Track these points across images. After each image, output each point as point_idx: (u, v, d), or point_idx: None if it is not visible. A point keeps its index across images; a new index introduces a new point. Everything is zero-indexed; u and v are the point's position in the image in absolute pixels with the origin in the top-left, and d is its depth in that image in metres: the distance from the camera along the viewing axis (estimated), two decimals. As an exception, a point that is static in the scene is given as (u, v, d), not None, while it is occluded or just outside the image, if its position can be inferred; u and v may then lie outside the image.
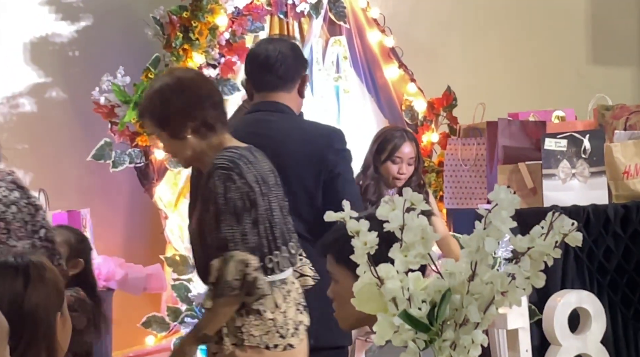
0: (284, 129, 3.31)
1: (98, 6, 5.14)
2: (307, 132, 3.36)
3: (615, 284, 4.34)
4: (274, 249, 2.94)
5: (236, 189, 2.85)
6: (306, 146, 3.29)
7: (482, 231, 1.55)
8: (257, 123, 3.33)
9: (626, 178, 4.46)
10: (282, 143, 3.28)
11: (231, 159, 2.89)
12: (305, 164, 3.27)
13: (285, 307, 2.96)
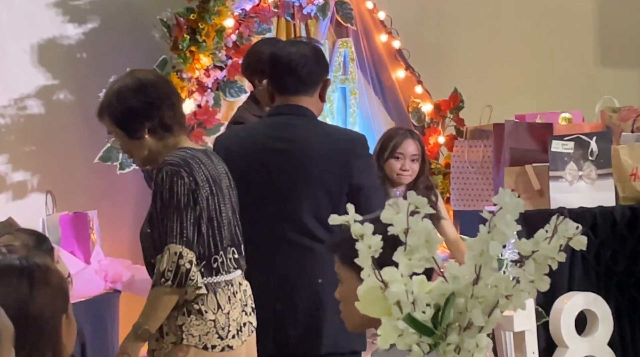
0: (307, 134, 3.29)
1: (105, 8, 5.15)
2: (330, 137, 3.34)
3: (623, 286, 4.33)
4: (220, 249, 2.98)
5: (182, 185, 2.90)
6: (330, 151, 3.27)
7: (486, 234, 1.55)
8: (279, 126, 3.32)
9: (633, 180, 4.45)
10: (305, 148, 3.27)
11: (182, 157, 2.95)
12: (329, 169, 3.25)
13: (229, 309, 2.99)
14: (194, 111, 4.95)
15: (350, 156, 3.27)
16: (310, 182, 3.22)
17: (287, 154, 3.26)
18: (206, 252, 2.95)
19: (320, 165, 3.25)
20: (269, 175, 3.29)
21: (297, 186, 3.26)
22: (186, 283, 2.88)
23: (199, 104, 4.97)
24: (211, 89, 5.00)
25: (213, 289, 2.96)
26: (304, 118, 3.31)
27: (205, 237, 2.94)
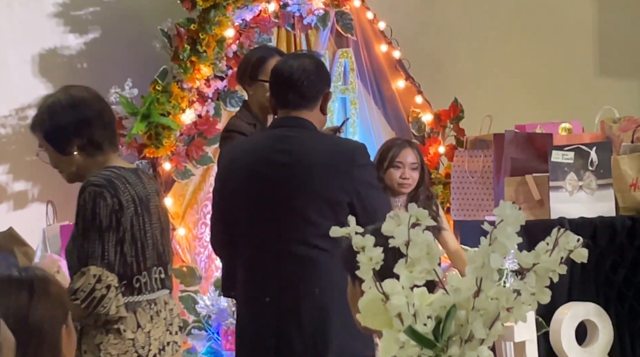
0: (307, 145, 3.30)
1: (106, 19, 5.16)
2: (330, 147, 3.35)
3: (623, 297, 4.33)
4: (143, 269, 2.98)
5: (105, 206, 2.90)
6: (330, 162, 3.27)
7: (487, 247, 1.55)
8: (279, 138, 3.32)
9: (633, 190, 4.45)
10: (305, 159, 3.28)
11: (107, 177, 2.95)
12: (329, 180, 3.26)
13: (150, 328, 2.98)
14: (194, 121, 4.96)
15: (350, 166, 3.28)
16: (311, 193, 3.23)
17: (287, 166, 3.27)
18: (128, 272, 2.94)
19: (321, 176, 3.26)
20: (270, 187, 3.29)
21: (298, 197, 3.26)
22: (96, 309, 2.85)
23: (199, 114, 4.98)
24: (212, 99, 5.01)
25: (133, 308, 2.95)
26: (304, 130, 3.32)
27: (127, 257, 2.93)
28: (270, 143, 3.34)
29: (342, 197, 3.24)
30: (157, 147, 4.83)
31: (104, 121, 3.04)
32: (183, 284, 4.84)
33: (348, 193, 3.24)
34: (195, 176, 5.01)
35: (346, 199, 3.24)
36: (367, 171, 3.34)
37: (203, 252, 4.97)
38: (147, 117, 4.80)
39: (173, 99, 4.85)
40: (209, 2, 4.89)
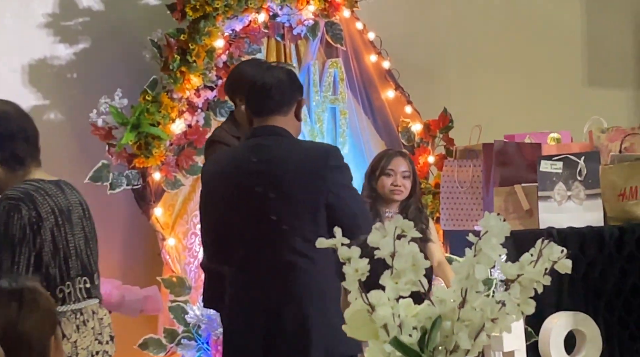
0: (281, 152, 3.39)
1: (96, 29, 5.17)
2: (303, 152, 3.45)
3: (611, 306, 4.34)
4: (67, 280, 3.00)
5: (19, 219, 2.92)
6: (305, 167, 3.36)
7: (472, 257, 1.56)
8: (255, 148, 3.41)
9: (621, 200, 4.47)
10: (280, 166, 3.36)
11: (25, 190, 2.97)
12: (305, 185, 3.34)
13: (77, 337, 3.00)
14: (184, 131, 4.96)
15: (324, 169, 3.35)
16: (289, 199, 3.30)
17: (265, 174, 3.34)
18: (50, 282, 2.94)
19: (297, 182, 3.33)
20: (251, 196, 3.36)
21: (277, 204, 3.33)
22: None
23: (189, 124, 4.99)
24: (201, 109, 5.01)
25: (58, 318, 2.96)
26: (278, 137, 3.41)
27: (49, 268, 2.95)
28: (248, 154, 3.42)
29: (319, 200, 3.31)
30: (147, 157, 4.83)
31: (27, 136, 3.08)
32: (172, 294, 4.84)
33: (324, 195, 3.31)
34: (185, 186, 5.01)
35: (323, 201, 3.31)
36: (341, 172, 3.40)
37: (193, 262, 4.97)
38: (137, 127, 4.80)
39: (163, 109, 4.85)
40: (199, 13, 4.89)
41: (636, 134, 4.62)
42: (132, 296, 4.61)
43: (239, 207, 3.37)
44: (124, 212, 5.16)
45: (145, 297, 4.65)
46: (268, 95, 3.40)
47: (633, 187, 4.47)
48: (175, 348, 4.81)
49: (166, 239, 4.93)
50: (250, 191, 3.35)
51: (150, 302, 4.67)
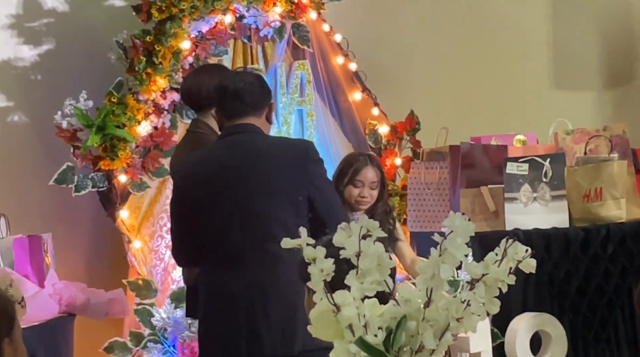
0: (260, 146, 3.48)
1: (61, 30, 5.13)
2: (283, 146, 3.59)
3: (576, 307, 4.37)
4: None
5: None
6: (286, 159, 3.47)
7: (437, 257, 1.56)
8: (233, 144, 3.49)
9: (586, 201, 4.50)
10: (261, 159, 3.45)
11: None
12: (287, 176, 3.44)
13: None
14: (150, 133, 4.94)
15: (306, 161, 3.47)
16: (271, 191, 3.39)
17: (245, 167, 3.42)
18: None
19: (279, 174, 3.43)
20: (232, 190, 3.41)
21: (259, 197, 3.40)
22: None
23: (155, 126, 4.96)
24: (168, 111, 4.99)
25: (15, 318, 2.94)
26: (255, 134, 3.50)
27: None
28: (225, 150, 3.49)
29: (300, 191, 3.42)
30: (113, 159, 4.80)
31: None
32: (138, 297, 4.81)
33: (305, 187, 3.42)
34: (151, 189, 4.98)
35: (304, 193, 3.42)
36: (320, 166, 3.53)
37: (159, 264, 4.94)
38: (102, 129, 4.77)
39: (129, 111, 4.82)
40: (165, 14, 4.87)
41: (601, 136, 4.65)
42: (97, 299, 4.57)
43: (219, 201, 3.42)
44: (89, 215, 5.12)
45: (110, 300, 4.62)
46: (241, 99, 3.48)
47: (598, 189, 4.50)
48: (141, 351, 4.78)
49: (132, 241, 4.90)
50: (231, 184, 3.41)
51: (115, 305, 4.64)
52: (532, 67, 6.18)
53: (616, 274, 4.41)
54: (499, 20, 6.14)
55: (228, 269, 3.41)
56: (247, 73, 3.70)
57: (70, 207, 5.00)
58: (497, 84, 6.08)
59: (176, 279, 4.92)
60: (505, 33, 6.13)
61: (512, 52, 6.14)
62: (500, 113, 5.96)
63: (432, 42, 6.04)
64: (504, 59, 6.12)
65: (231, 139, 3.51)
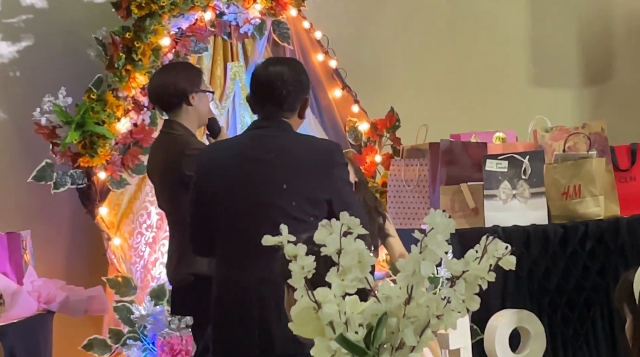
0: (287, 144, 3.39)
1: (40, 26, 5.10)
2: (310, 146, 3.46)
3: (555, 304, 4.40)
4: None
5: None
6: (310, 160, 3.38)
7: (418, 254, 1.57)
8: (260, 138, 3.40)
9: (565, 199, 4.52)
10: (286, 156, 3.36)
11: None
12: (309, 178, 3.35)
13: None
14: (130, 130, 4.92)
15: (329, 164, 3.38)
16: (292, 190, 3.32)
17: (268, 163, 3.34)
18: None
19: (301, 174, 3.35)
20: (252, 184, 3.36)
21: (279, 193, 3.33)
22: None
23: (135, 123, 4.94)
24: (147, 107, 4.97)
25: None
26: (283, 131, 3.39)
27: None
28: (251, 143, 3.41)
29: (320, 194, 3.33)
30: (92, 156, 4.78)
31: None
32: (118, 294, 4.79)
33: (327, 190, 3.34)
34: (130, 185, 4.96)
35: (325, 196, 3.33)
36: (344, 169, 3.46)
37: (139, 262, 4.93)
38: (82, 125, 4.75)
39: (108, 108, 4.80)
40: (145, 11, 4.85)
41: (579, 134, 4.68)
42: (76, 296, 4.56)
43: (236, 195, 3.37)
44: (68, 212, 5.10)
45: (90, 297, 4.60)
46: (273, 99, 3.36)
47: (576, 186, 4.53)
48: (121, 349, 4.77)
49: (111, 238, 4.88)
50: (252, 178, 3.35)
51: (95, 303, 4.62)
52: (511, 64, 6.21)
53: (594, 271, 4.44)
54: (479, 18, 6.16)
55: (241, 264, 3.37)
56: (284, 65, 3.47)
57: (49, 204, 4.98)
58: (477, 81, 6.10)
59: (156, 276, 4.91)
60: (485, 31, 6.16)
61: (491, 50, 6.16)
62: (479, 110, 5.98)
63: (412, 40, 6.05)
64: (483, 56, 6.14)
65: (258, 133, 3.42)
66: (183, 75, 4.10)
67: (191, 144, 3.99)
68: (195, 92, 4.06)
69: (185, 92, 4.05)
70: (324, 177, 3.35)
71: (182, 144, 3.99)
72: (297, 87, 3.39)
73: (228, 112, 5.25)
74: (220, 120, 5.20)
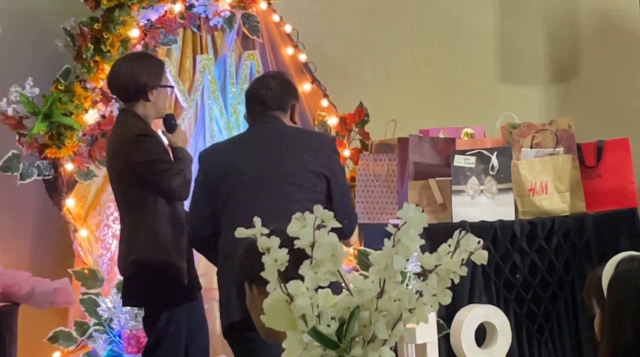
0: (291, 131, 3.81)
1: (7, 16, 5.05)
2: (313, 134, 4.05)
3: (521, 299, 4.43)
4: None
5: None
6: (314, 143, 3.78)
7: (390, 248, 1.57)
8: (266, 128, 3.78)
9: (532, 195, 4.55)
10: (293, 139, 3.75)
11: None
12: (314, 157, 3.71)
13: None
14: (97, 121, 4.89)
15: (330, 149, 3.81)
16: (300, 165, 3.67)
17: (278, 143, 3.72)
18: None
19: (308, 153, 3.71)
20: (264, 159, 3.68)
21: (289, 167, 3.67)
22: None
23: (102, 115, 4.92)
24: (115, 99, 4.95)
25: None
26: (282, 123, 3.81)
27: None
28: (259, 131, 3.79)
29: (322, 170, 3.71)
30: (59, 148, 4.75)
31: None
32: (84, 286, 4.77)
33: (326, 168, 3.73)
34: (98, 177, 4.94)
35: (325, 173, 3.72)
36: (338, 156, 3.93)
37: (105, 254, 4.90)
38: (49, 116, 4.72)
39: (76, 99, 4.77)
40: (114, 2, 4.82)
41: (547, 130, 4.71)
42: (42, 288, 4.53)
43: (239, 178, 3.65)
44: (34, 203, 5.07)
45: (56, 289, 4.57)
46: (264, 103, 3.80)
47: (543, 182, 4.56)
48: (86, 341, 4.75)
49: (78, 230, 4.85)
50: (264, 154, 3.69)
51: (61, 295, 4.59)
52: (479, 60, 6.24)
53: (560, 267, 4.48)
54: (447, 14, 6.18)
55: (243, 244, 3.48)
56: (270, 77, 3.95)
57: (15, 195, 4.94)
58: (446, 77, 6.12)
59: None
60: (454, 27, 6.18)
61: (460, 46, 6.19)
62: (448, 106, 6.01)
63: (382, 34, 6.07)
64: (452, 52, 6.17)
65: (259, 126, 3.79)
66: (145, 68, 4.09)
67: (141, 131, 4.03)
68: (155, 87, 4.06)
69: (145, 88, 4.07)
70: (325, 158, 3.74)
71: (133, 130, 4.01)
72: (284, 96, 3.83)
73: (197, 105, 5.24)
74: (188, 112, 5.19)
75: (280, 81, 3.88)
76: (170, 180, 3.97)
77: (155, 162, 3.97)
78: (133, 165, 3.95)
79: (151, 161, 3.97)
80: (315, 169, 3.69)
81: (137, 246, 3.97)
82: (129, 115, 4.08)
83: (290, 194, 3.63)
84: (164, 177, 3.96)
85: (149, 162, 3.97)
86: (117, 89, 4.14)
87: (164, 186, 3.97)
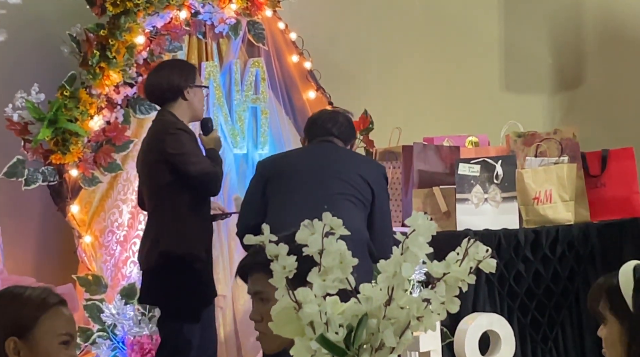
0: (341, 152, 4.04)
1: (12, 21, 5.06)
2: (361, 159, 4.24)
3: (525, 308, 4.43)
4: None
5: None
6: (367, 168, 3.99)
7: (399, 256, 1.57)
8: (318, 147, 4.05)
9: (536, 203, 4.56)
10: (339, 161, 3.97)
11: None
12: (363, 174, 3.92)
13: None
14: (102, 128, 4.90)
15: (382, 174, 4.00)
16: (349, 173, 3.89)
17: (322, 164, 3.94)
18: None
19: (360, 167, 3.94)
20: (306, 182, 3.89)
21: (337, 169, 3.90)
22: None
23: (108, 121, 4.92)
24: (121, 105, 4.95)
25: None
26: (338, 146, 4.06)
27: None
28: (318, 145, 4.05)
29: (371, 182, 3.92)
30: (64, 154, 4.76)
31: None
32: (88, 292, 4.77)
33: (374, 184, 3.93)
34: (102, 184, 4.94)
35: (373, 186, 3.91)
36: (386, 184, 4.05)
37: (109, 260, 4.90)
38: (54, 122, 4.72)
39: (81, 105, 4.77)
40: (119, 8, 4.83)
41: (551, 139, 4.72)
42: (46, 294, 4.52)
43: (292, 190, 3.85)
44: (39, 209, 5.07)
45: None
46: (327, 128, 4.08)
47: (547, 191, 4.56)
48: (90, 347, 4.74)
49: (82, 236, 4.85)
50: (305, 175, 3.90)
51: (65, 301, 4.58)
52: (484, 69, 6.25)
53: (564, 276, 4.48)
54: (452, 22, 6.19)
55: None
56: (339, 114, 4.23)
57: (20, 201, 4.94)
58: (450, 85, 6.13)
59: (126, 275, 4.89)
60: (459, 36, 6.19)
61: (465, 54, 6.19)
62: (452, 114, 6.01)
63: (387, 43, 6.08)
64: (457, 60, 6.18)
65: (318, 142, 4.04)
66: (177, 71, 4.19)
67: (176, 124, 4.12)
68: (190, 87, 4.13)
69: (180, 87, 4.17)
70: (375, 176, 3.94)
71: (167, 126, 4.10)
72: (349, 132, 4.13)
73: (202, 111, 5.24)
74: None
75: (347, 119, 4.18)
76: (202, 171, 4.02)
77: (187, 154, 4.05)
78: (166, 156, 4.03)
79: (184, 153, 4.05)
80: (365, 177, 3.90)
81: (166, 240, 4.00)
82: (166, 114, 4.19)
83: (333, 187, 3.85)
84: (195, 169, 4.03)
85: (181, 154, 4.05)
86: (153, 92, 4.24)
87: (195, 176, 4.02)
